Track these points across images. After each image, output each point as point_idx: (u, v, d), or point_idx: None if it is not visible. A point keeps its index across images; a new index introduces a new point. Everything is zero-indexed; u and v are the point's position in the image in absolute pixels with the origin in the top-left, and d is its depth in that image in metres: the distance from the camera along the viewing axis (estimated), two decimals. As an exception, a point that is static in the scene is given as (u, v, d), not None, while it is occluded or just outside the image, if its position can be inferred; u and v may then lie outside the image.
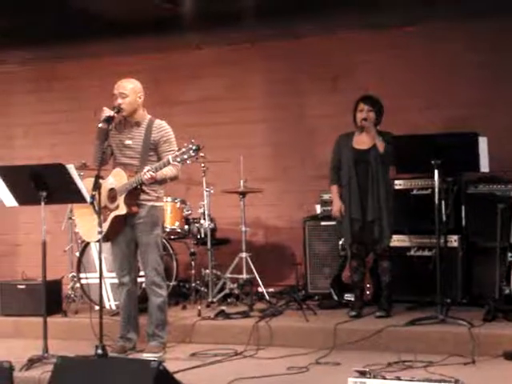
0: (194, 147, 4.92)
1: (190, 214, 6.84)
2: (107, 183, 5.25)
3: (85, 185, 5.16)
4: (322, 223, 6.72)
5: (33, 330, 5.86)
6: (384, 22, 6.74)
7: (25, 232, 8.12)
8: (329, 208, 6.52)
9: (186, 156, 4.95)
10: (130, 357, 5.21)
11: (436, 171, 5.46)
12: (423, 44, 6.93)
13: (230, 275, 6.69)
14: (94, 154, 5.26)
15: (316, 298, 6.61)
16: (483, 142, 5.36)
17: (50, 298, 5.81)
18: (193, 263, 6.75)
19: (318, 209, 6.91)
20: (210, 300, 6.45)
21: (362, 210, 5.83)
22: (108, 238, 5.24)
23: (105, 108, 5.21)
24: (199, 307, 6.14)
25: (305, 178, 7.33)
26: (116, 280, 5.50)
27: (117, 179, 5.23)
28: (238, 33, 7.13)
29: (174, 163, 5.03)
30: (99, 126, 5.17)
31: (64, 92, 8.14)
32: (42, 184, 5.14)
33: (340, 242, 6.34)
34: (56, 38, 7.08)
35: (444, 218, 5.58)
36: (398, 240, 6.28)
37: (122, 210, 5.17)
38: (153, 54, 7.71)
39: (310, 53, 7.32)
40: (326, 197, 6.71)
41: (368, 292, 6.07)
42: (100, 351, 4.89)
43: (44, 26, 6.66)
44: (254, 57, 7.53)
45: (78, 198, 5.17)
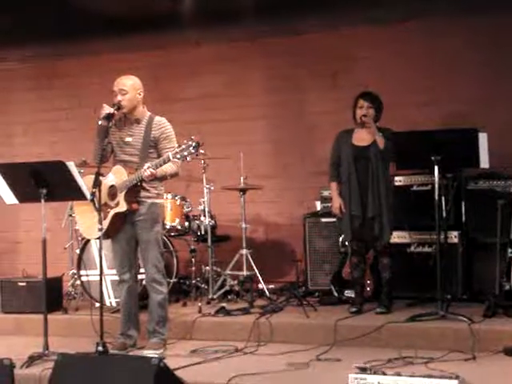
0: (194, 144, 4.92)
1: (190, 210, 6.84)
2: (107, 180, 5.25)
3: (85, 182, 5.16)
4: (322, 220, 6.72)
5: (33, 327, 5.87)
6: (384, 17, 6.73)
7: (25, 229, 8.13)
8: (329, 205, 6.54)
9: (185, 153, 4.94)
10: (131, 354, 5.21)
11: (436, 167, 5.45)
12: (423, 40, 6.92)
13: (230, 272, 6.70)
14: (94, 151, 5.26)
15: (316, 294, 6.61)
16: (483, 138, 5.35)
17: (51, 296, 5.82)
18: (193, 260, 6.75)
19: (318, 205, 6.92)
20: (210, 297, 6.45)
21: (362, 207, 5.82)
22: (108, 235, 5.24)
23: (104, 105, 5.21)
24: (200, 304, 6.14)
25: (305, 175, 7.33)
26: (116, 277, 5.50)
27: (117, 176, 5.23)
28: (237, 30, 7.12)
29: (174, 160, 5.03)
30: (99, 123, 5.17)
31: (64, 89, 8.15)
32: (42, 181, 5.14)
33: (340, 239, 6.33)
34: (56, 35, 7.08)
35: (444, 214, 5.58)
36: (398, 236, 6.28)
37: (123, 207, 5.17)
38: (152, 51, 7.70)
39: (310, 49, 7.31)
40: (326, 193, 6.71)
41: (368, 288, 6.08)
42: (100, 348, 4.89)
43: (44, 24, 6.66)
44: (254, 54, 7.53)
45: (79, 195, 5.17)
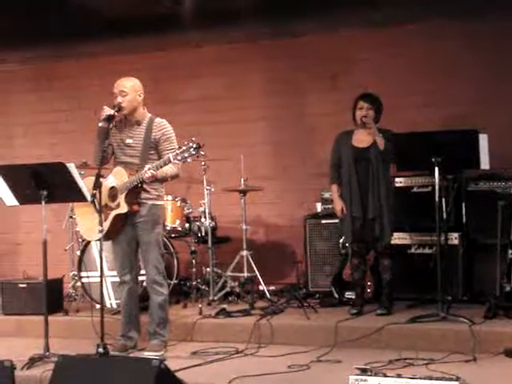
0: (195, 145, 4.92)
1: (191, 212, 6.84)
2: (108, 182, 5.25)
3: (85, 184, 5.16)
4: (323, 221, 6.72)
5: (34, 328, 5.87)
6: (383, 20, 6.72)
7: (26, 231, 8.12)
8: (329, 206, 6.54)
9: (186, 154, 4.95)
10: (131, 355, 5.21)
11: (436, 169, 5.45)
12: (423, 42, 6.92)
13: (230, 273, 6.70)
14: (94, 152, 5.26)
15: (317, 295, 6.61)
16: (483, 139, 5.36)
17: (51, 297, 5.81)
18: (194, 261, 6.75)
19: (319, 207, 6.91)
20: (210, 298, 6.45)
21: (363, 208, 5.82)
22: (109, 236, 5.24)
23: (105, 107, 5.21)
24: (200, 305, 6.14)
25: (305, 177, 7.33)
26: (117, 278, 5.50)
27: (117, 178, 5.23)
28: (237, 32, 7.12)
29: (175, 161, 5.03)
30: (99, 124, 5.17)
31: (64, 91, 8.14)
32: (43, 183, 5.14)
33: (341, 240, 6.33)
34: (56, 37, 7.08)
35: (444, 215, 5.58)
36: (399, 238, 6.28)
37: (123, 208, 5.17)
38: (153, 53, 7.71)
39: (310, 51, 7.32)
40: (326, 195, 6.71)
41: (369, 290, 6.08)
42: (101, 350, 4.89)
43: (44, 25, 6.66)
44: (254, 55, 7.53)
45: (79, 196, 5.18)
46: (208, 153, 6.45)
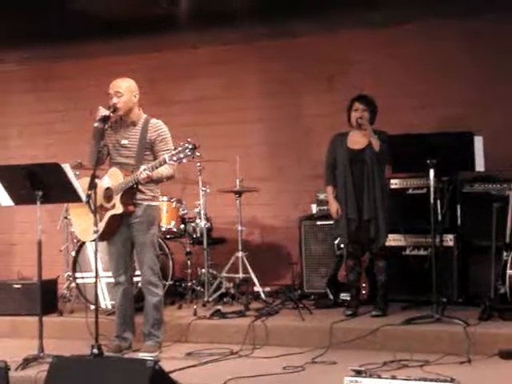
0: (191, 146, 4.93)
1: (186, 213, 6.84)
2: (103, 182, 5.24)
3: (81, 184, 5.16)
4: (318, 223, 6.72)
5: (28, 329, 5.86)
6: (380, 20, 6.72)
7: (20, 231, 8.11)
8: (325, 207, 6.54)
9: (182, 155, 4.95)
10: (126, 356, 5.20)
11: (431, 170, 5.46)
12: (419, 43, 6.93)
13: (225, 274, 6.70)
14: (89, 153, 5.25)
15: (312, 297, 6.61)
16: (479, 142, 5.36)
17: (46, 298, 5.81)
18: (189, 262, 6.75)
19: (314, 208, 6.91)
20: (205, 299, 6.45)
21: (358, 210, 5.83)
22: (104, 237, 5.23)
23: (100, 107, 5.21)
24: (195, 306, 6.14)
25: (301, 178, 7.33)
26: (112, 279, 5.49)
27: (113, 178, 5.22)
28: (233, 32, 7.12)
29: (170, 162, 5.03)
30: (95, 125, 5.17)
31: (60, 92, 8.14)
32: (38, 183, 5.13)
33: (336, 242, 6.34)
34: (53, 37, 7.07)
35: (439, 217, 5.59)
36: (394, 239, 6.28)
37: (119, 209, 5.16)
38: (149, 54, 7.70)
39: (306, 52, 7.32)
40: (321, 196, 6.70)
41: (364, 291, 6.08)
42: (96, 351, 4.88)
43: (41, 26, 6.65)
44: (250, 56, 7.53)
45: (74, 197, 5.17)
46: (204, 154, 6.44)
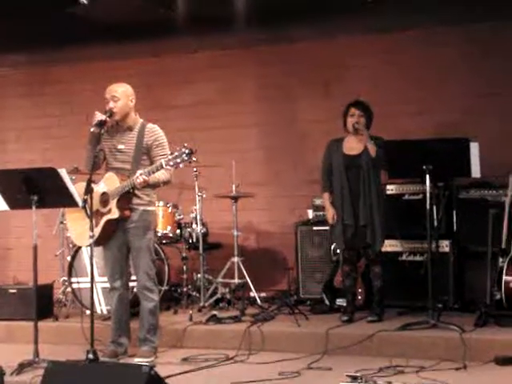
0: (187, 151, 4.92)
1: (182, 218, 6.84)
2: (99, 187, 5.24)
3: (77, 189, 5.15)
4: (314, 228, 6.72)
5: (24, 334, 5.85)
6: (377, 26, 6.73)
7: (16, 236, 8.09)
8: (321, 213, 6.54)
9: (178, 160, 4.94)
10: (122, 361, 5.19)
11: (428, 176, 5.47)
12: (415, 49, 6.94)
13: (221, 280, 6.69)
14: (86, 158, 5.25)
15: (308, 302, 6.60)
16: (475, 148, 5.37)
17: (41, 303, 5.79)
18: (184, 268, 6.74)
19: (310, 214, 6.91)
20: (201, 305, 6.44)
21: (354, 216, 5.83)
22: (100, 242, 5.23)
23: (97, 112, 5.20)
24: (191, 312, 6.13)
25: (297, 183, 7.33)
26: (107, 284, 5.48)
27: (109, 183, 5.22)
28: (231, 37, 7.13)
29: (167, 167, 5.03)
30: (91, 130, 5.17)
31: (56, 96, 8.13)
32: (34, 188, 5.12)
33: (332, 247, 6.34)
34: (48, 41, 7.07)
35: (435, 222, 5.60)
36: (390, 245, 6.29)
37: (115, 214, 5.16)
38: (146, 59, 7.71)
39: (303, 57, 7.33)
40: (318, 202, 6.71)
41: (360, 297, 6.08)
42: (91, 356, 4.86)
43: (37, 30, 6.65)
44: (247, 61, 7.54)
45: (70, 202, 5.16)
46: (200, 158, 6.43)
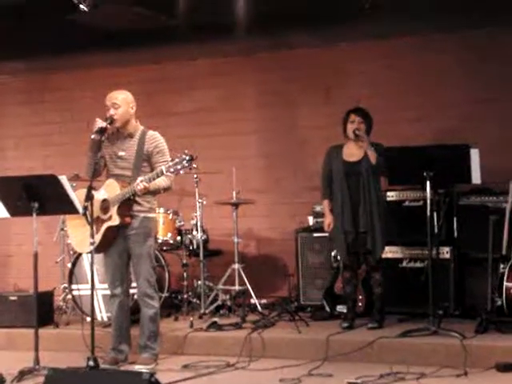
0: (188, 157, 4.93)
1: (183, 225, 6.83)
2: (100, 194, 5.24)
3: (77, 196, 5.15)
4: (315, 235, 6.72)
5: (24, 341, 5.84)
6: (380, 33, 6.74)
7: (17, 243, 8.09)
8: (321, 220, 6.53)
9: (179, 166, 4.95)
10: (122, 368, 5.18)
11: (428, 183, 5.47)
12: (415, 56, 6.94)
13: (222, 286, 6.68)
14: (86, 165, 5.26)
15: (308, 309, 6.60)
16: (475, 154, 5.38)
17: (42, 310, 5.78)
18: (185, 274, 6.73)
19: (311, 220, 6.91)
20: (202, 311, 6.43)
21: (355, 222, 5.83)
22: (100, 249, 5.23)
23: (97, 119, 5.21)
24: (191, 319, 6.12)
25: (297, 190, 7.33)
26: (108, 291, 5.48)
27: (109, 190, 5.22)
28: (232, 45, 7.14)
29: (168, 174, 5.03)
30: (92, 137, 5.18)
31: (56, 103, 8.14)
32: (34, 195, 5.12)
33: (332, 254, 6.34)
34: (49, 48, 7.08)
35: (436, 229, 5.60)
36: (391, 251, 6.28)
37: (115, 220, 5.16)
38: (147, 66, 7.72)
39: (303, 64, 7.33)
40: (318, 208, 6.71)
41: (360, 303, 6.07)
42: (91, 363, 4.86)
43: (37, 37, 6.66)
44: (247, 68, 7.55)
45: (71, 209, 5.16)
46: (201, 165, 6.45)
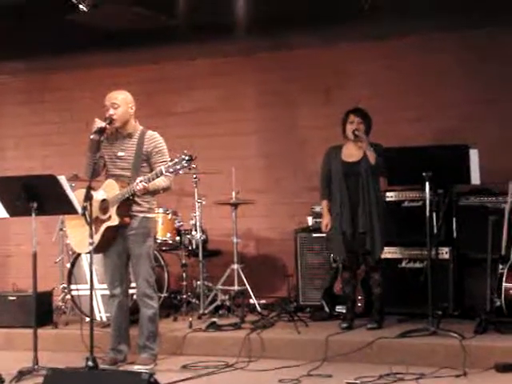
0: (187, 158, 4.92)
1: (182, 225, 6.83)
2: (99, 194, 5.24)
3: (76, 196, 5.15)
4: (314, 235, 6.71)
5: (23, 341, 5.84)
6: (380, 33, 6.74)
7: (16, 243, 8.09)
8: (320, 220, 6.53)
9: (178, 166, 4.94)
10: (121, 369, 5.18)
11: (427, 183, 5.47)
12: (415, 56, 6.94)
13: (221, 287, 6.68)
14: (85, 165, 5.25)
15: (307, 309, 6.59)
16: (474, 155, 5.38)
17: (41, 310, 5.79)
18: (184, 275, 6.73)
19: (310, 220, 6.91)
20: (201, 312, 6.43)
21: (353, 223, 5.83)
22: (99, 249, 5.22)
23: (96, 119, 5.21)
24: (190, 319, 6.12)
25: (297, 190, 7.33)
26: (107, 291, 5.48)
27: (109, 190, 5.22)
28: (232, 45, 7.14)
29: (167, 174, 5.03)
30: (91, 137, 5.17)
31: (56, 103, 8.14)
32: (33, 195, 5.12)
33: (331, 254, 6.33)
34: (48, 49, 7.08)
35: (435, 229, 5.60)
36: (390, 252, 6.28)
37: (115, 220, 5.16)
38: (146, 66, 7.72)
39: (303, 64, 7.33)
40: (317, 209, 6.70)
41: (359, 304, 6.07)
42: (90, 363, 4.85)
43: (37, 37, 6.66)
44: (247, 68, 7.55)
45: (70, 209, 5.16)
46: (200, 165, 6.45)
